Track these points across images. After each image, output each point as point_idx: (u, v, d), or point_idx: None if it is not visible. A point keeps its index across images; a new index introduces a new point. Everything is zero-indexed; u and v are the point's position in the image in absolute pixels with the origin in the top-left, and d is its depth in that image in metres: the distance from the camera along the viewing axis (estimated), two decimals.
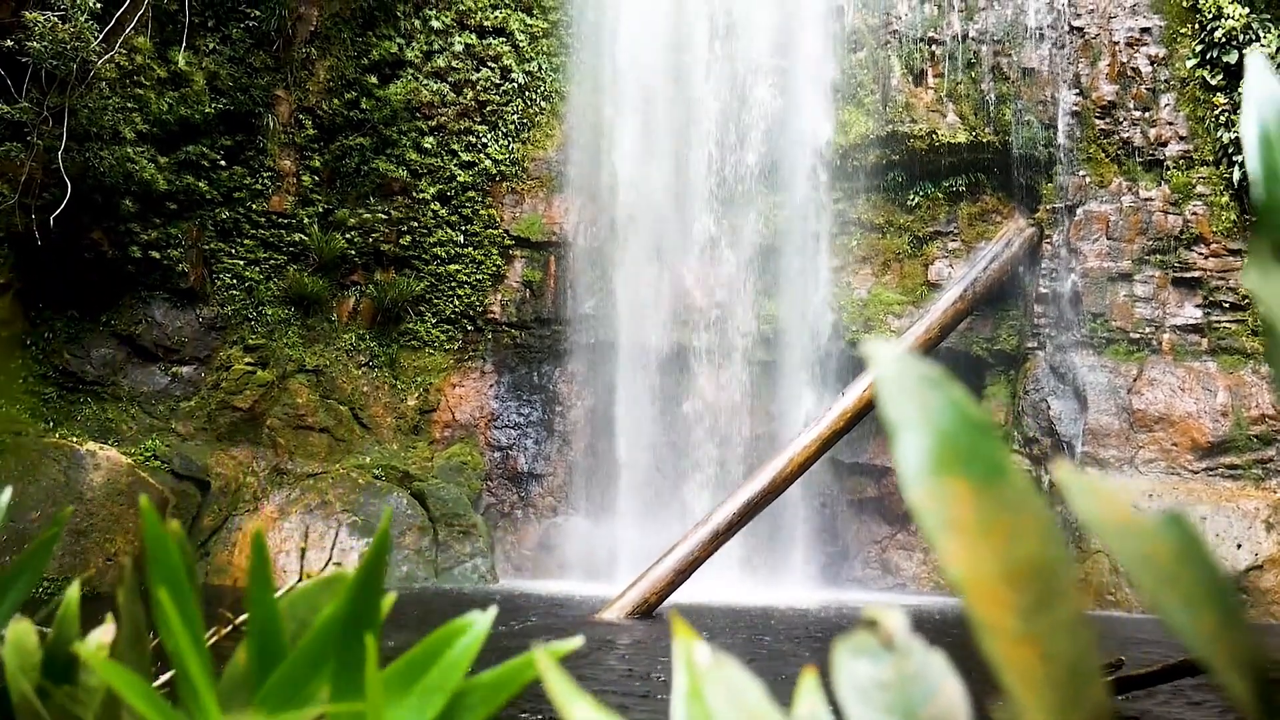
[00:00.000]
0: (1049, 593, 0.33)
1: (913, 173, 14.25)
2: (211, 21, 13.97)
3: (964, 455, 0.36)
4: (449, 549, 13.22)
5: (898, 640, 0.38)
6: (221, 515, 13.11)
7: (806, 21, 14.26)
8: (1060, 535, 0.35)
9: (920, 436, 0.36)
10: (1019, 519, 0.34)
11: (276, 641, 0.66)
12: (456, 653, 0.67)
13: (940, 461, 0.36)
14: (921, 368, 0.38)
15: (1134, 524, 0.36)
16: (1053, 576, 0.33)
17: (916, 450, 0.36)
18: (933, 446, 0.36)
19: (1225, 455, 12.67)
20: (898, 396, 0.37)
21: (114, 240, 13.48)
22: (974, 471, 0.35)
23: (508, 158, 15.09)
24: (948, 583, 0.35)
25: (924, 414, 0.37)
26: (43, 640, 0.77)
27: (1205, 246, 13.20)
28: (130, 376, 13.87)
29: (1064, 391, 13.40)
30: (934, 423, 0.36)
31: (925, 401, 0.37)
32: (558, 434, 15.08)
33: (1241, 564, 11.68)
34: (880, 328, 14.03)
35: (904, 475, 0.37)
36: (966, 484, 0.35)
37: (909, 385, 0.37)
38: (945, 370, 0.39)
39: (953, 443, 0.36)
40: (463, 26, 15.16)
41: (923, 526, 0.36)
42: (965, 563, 0.34)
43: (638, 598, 10.50)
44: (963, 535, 0.34)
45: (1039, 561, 0.34)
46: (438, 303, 15.11)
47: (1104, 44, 13.66)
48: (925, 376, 0.38)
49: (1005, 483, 0.35)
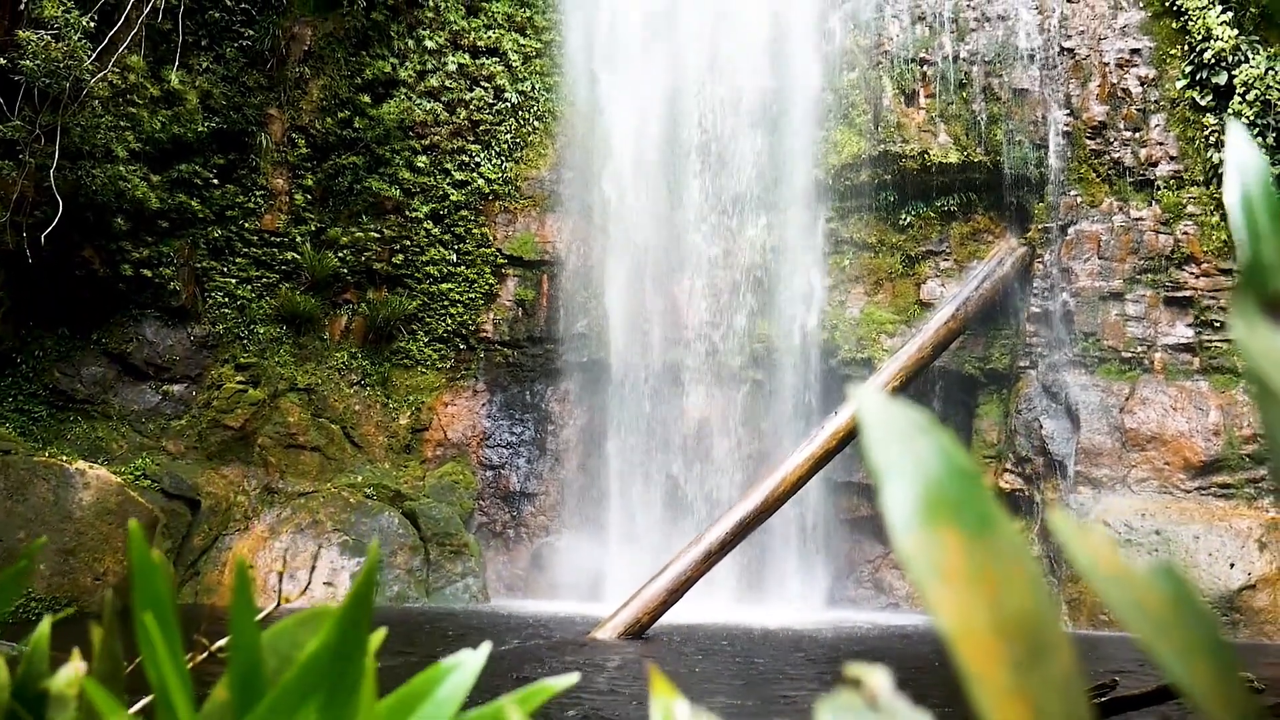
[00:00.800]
0: (1041, 646, 0.32)
1: (905, 192, 14.30)
2: (205, 40, 13.99)
3: (953, 504, 0.35)
4: (440, 568, 13.16)
5: (882, 700, 0.37)
6: (212, 535, 13.04)
7: (798, 42, 14.33)
8: (1049, 589, 0.34)
9: (908, 484, 0.35)
10: (1010, 570, 0.34)
11: (258, 674, 0.64)
12: (447, 691, 0.67)
13: (929, 510, 0.35)
14: (908, 413, 0.38)
15: (1126, 573, 0.35)
16: (1044, 629, 0.33)
17: (904, 498, 0.35)
18: (921, 495, 0.35)
19: (1218, 474, 12.68)
20: (884, 442, 0.36)
21: (105, 258, 13.45)
22: (964, 521, 0.35)
23: (500, 177, 15.12)
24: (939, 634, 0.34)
25: (912, 461, 0.36)
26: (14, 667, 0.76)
27: (1196, 266, 13.25)
28: (121, 395, 13.82)
29: (1056, 410, 13.41)
30: (922, 470, 0.36)
31: (913, 448, 0.36)
32: (550, 453, 15.05)
33: (1234, 584, 11.67)
34: (873, 347, 14.05)
35: (892, 524, 0.36)
36: (956, 534, 0.34)
37: (896, 431, 0.37)
38: (931, 414, 0.38)
39: (942, 491, 0.35)
40: (456, 46, 15.21)
41: (911, 576, 0.35)
42: (956, 614, 0.33)
43: (630, 618, 10.45)
44: (953, 586, 0.33)
45: (1030, 614, 0.33)
46: (430, 321, 15.10)
47: (1094, 65, 13.74)
48: (912, 422, 0.37)
49: (996, 533, 0.35)
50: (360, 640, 0.61)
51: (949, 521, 0.35)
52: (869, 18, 14.37)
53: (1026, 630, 0.33)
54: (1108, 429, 13.00)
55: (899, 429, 0.37)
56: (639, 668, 8.19)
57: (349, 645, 0.61)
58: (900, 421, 0.37)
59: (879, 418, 0.37)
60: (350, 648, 0.61)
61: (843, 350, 14.18)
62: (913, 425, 0.37)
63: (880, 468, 0.36)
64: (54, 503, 10.78)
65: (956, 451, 0.37)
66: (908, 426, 0.37)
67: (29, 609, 10.25)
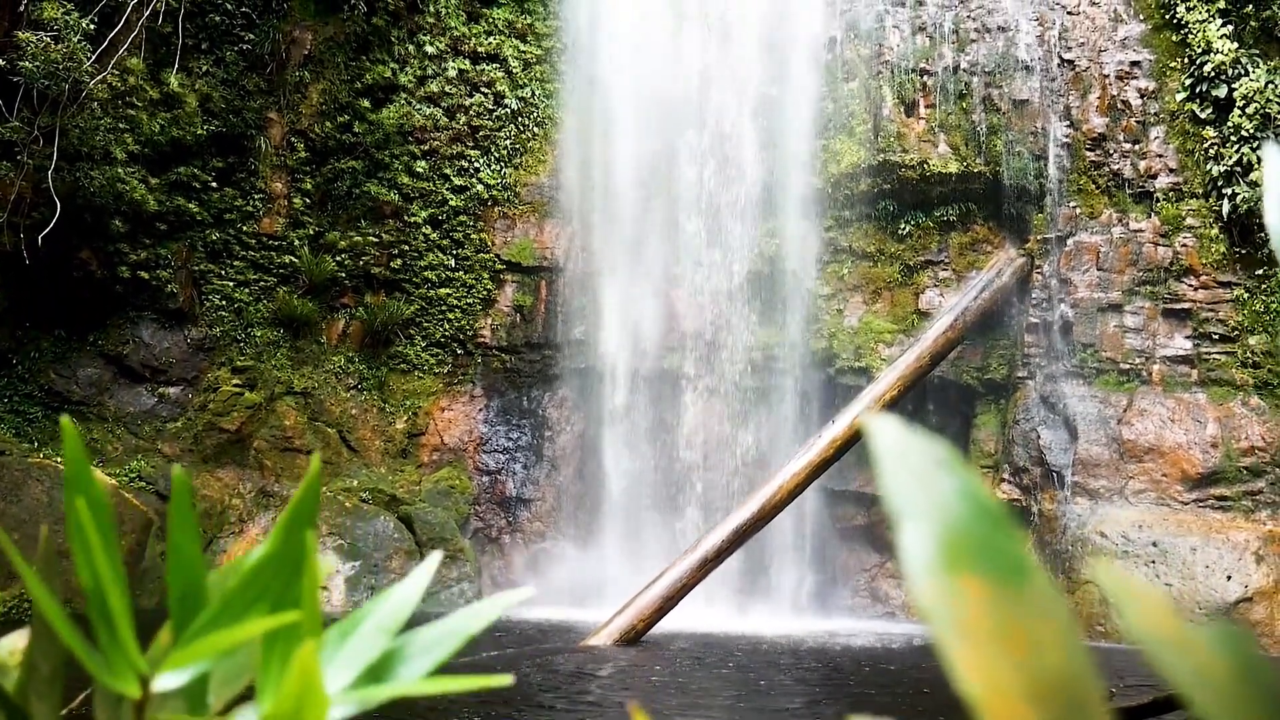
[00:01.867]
0: (1076, 712, 0.29)
1: (904, 202, 14.29)
2: (205, 44, 13.97)
3: (978, 550, 0.32)
4: (436, 573, 13.09)
5: None
6: (207, 538, 12.99)
7: (799, 51, 14.33)
8: (1085, 645, 0.32)
9: (928, 527, 0.33)
10: (1041, 625, 0.31)
11: (199, 588, 0.62)
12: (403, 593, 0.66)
13: (951, 556, 0.32)
14: (928, 447, 0.35)
15: (1187, 639, 0.32)
16: (1080, 692, 0.30)
17: (924, 543, 0.32)
18: (942, 539, 0.32)
19: (1215, 486, 12.66)
20: (902, 480, 0.33)
21: (103, 260, 13.42)
22: (990, 569, 0.32)
23: (499, 182, 15.10)
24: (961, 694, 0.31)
25: (932, 501, 0.33)
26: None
27: (1195, 278, 13.24)
28: (117, 397, 13.77)
29: (1054, 421, 13.39)
30: (943, 512, 0.33)
31: (933, 487, 0.33)
32: (546, 459, 15.01)
33: (1231, 596, 11.64)
34: (871, 356, 14.02)
35: (909, 570, 0.33)
36: (981, 583, 0.32)
37: (913, 466, 0.34)
38: (929, 425, 0.36)
39: (965, 535, 0.32)
40: (456, 52, 15.20)
41: (931, 628, 0.32)
42: (981, 675, 0.30)
43: (625, 624, 10.42)
44: (978, 642, 0.30)
45: (1064, 675, 0.30)
46: (428, 326, 15.06)
47: (1094, 77, 13.75)
48: (931, 456, 0.34)
49: (1025, 582, 0.32)
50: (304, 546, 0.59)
51: (973, 569, 0.32)
52: (869, 28, 14.36)
53: (1060, 693, 0.30)
54: (1105, 440, 12.98)
55: (916, 464, 0.34)
56: (630, 676, 8.15)
57: (294, 551, 0.58)
58: (918, 455, 0.34)
59: (894, 451, 0.34)
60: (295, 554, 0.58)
61: (841, 359, 14.15)
62: (932, 460, 0.34)
63: (896, 507, 0.34)
64: (48, 504, 10.73)
65: (981, 490, 0.34)
66: (926, 461, 0.34)
67: (21, 610, 10.20)
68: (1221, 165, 12.97)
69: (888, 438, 0.35)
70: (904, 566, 0.34)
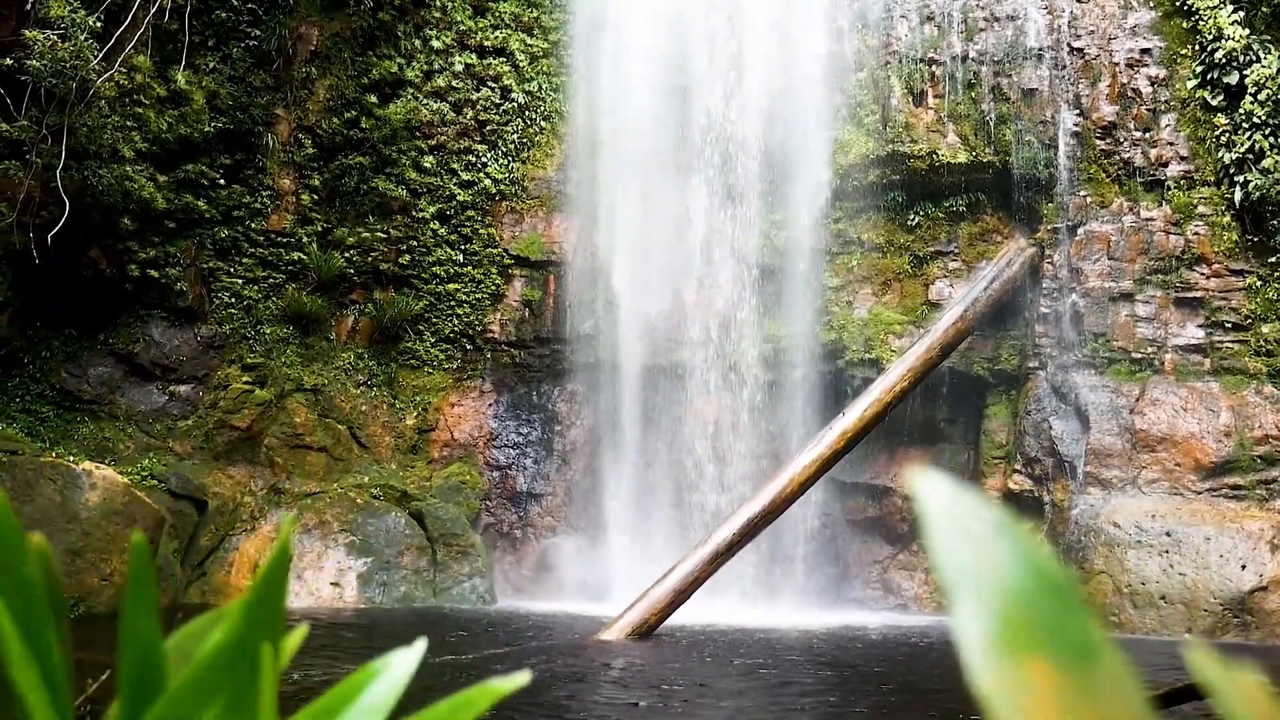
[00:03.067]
0: None
1: (913, 192, 14.22)
2: (212, 41, 13.96)
3: (1043, 628, 0.29)
4: (447, 569, 13.12)
5: None
6: (219, 535, 13.02)
7: (807, 41, 14.26)
8: None
9: (985, 602, 0.30)
10: (1114, 710, 0.28)
11: (155, 674, 0.55)
12: (373, 697, 0.58)
13: (1013, 636, 0.30)
14: (984, 512, 0.32)
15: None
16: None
17: (982, 620, 0.30)
18: (1001, 616, 0.30)
19: (1229, 476, 12.59)
20: (955, 548, 0.31)
21: (112, 259, 13.43)
22: (1057, 649, 0.29)
23: (507, 177, 15.07)
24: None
25: (989, 572, 0.30)
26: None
27: (1207, 267, 13.15)
28: (128, 395, 13.80)
29: (1066, 411, 13.34)
30: (1002, 584, 0.30)
31: (989, 555, 0.31)
32: (557, 454, 15.00)
33: (1246, 585, 11.58)
34: (881, 347, 13.97)
35: (965, 650, 0.30)
36: (1047, 665, 0.29)
37: (967, 532, 0.31)
38: (1011, 512, 0.33)
39: (1028, 611, 0.30)
40: (463, 46, 15.16)
41: (991, 718, 0.30)
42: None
43: (637, 619, 10.41)
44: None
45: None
46: (437, 322, 15.05)
47: (1104, 65, 13.65)
48: (989, 523, 0.32)
49: (1095, 663, 0.29)
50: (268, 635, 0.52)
51: (1037, 650, 0.29)
52: (877, 18, 14.29)
53: None
54: (1118, 430, 12.92)
55: (971, 529, 0.31)
56: (643, 671, 8.14)
57: (255, 641, 0.51)
58: (972, 520, 0.32)
59: (946, 515, 0.32)
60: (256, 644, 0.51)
61: (851, 351, 14.11)
62: (989, 526, 0.32)
63: (949, 580, 0.31)
64: (60, 503, 10.76)
65: (1045, 560, 0.32)
66: (982, 526, 0.31)
67: None
68: (1233, 152, 12.87)
69: (938, 500, 0.32)
70: (959, 643, 0.31)
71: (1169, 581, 11.81)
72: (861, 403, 12.37)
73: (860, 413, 12.23)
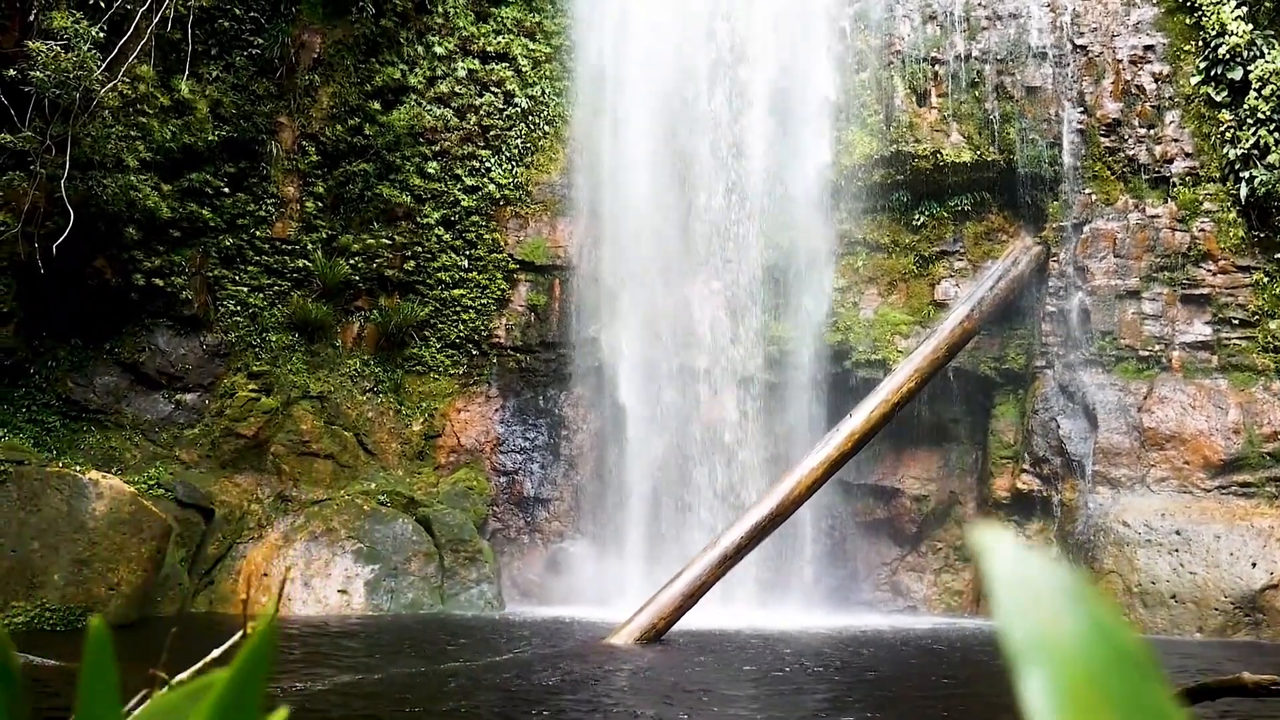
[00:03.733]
0: None
1: (918, 192, 14.19)
2: (215, 49, 13.97)
3: (1116, 700, 0.27)
4: (455, 575, 13.10)
5: None
6: (226, 543, 13.01)
7: (809, 42, 14.24)
8: None
9: (1054, 671, 0.28)
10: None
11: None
12: None
13: (1084, 708, 0.27)
14: (1054, 574, 0.30)
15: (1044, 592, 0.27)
16: None
17: (1050, 691, 0.28)
18: (1072, 687, 0.28)
19: (1238, 473, 12.55)
20: (1021, 612, 0.29)
21: (117, 268, 13.44)
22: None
23: (511, 182, 15.06)
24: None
25: (1058, 639, 0.29)
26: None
27: (1213, 263, 13.11)
28: (134, 404, 13.80)
29: (1073, 410, 13.29)
30: (1073, 652, 0.28)
31: (1059, 621, 0.29)
32: (564, 458, 14.98)
33: (1257, 584, 11.54)
34: (887, 348, 13.94)
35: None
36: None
37: (1035, 596, 0.29)
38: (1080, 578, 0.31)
39: (1100, 681, 0.28)
40: (465, 52, 15.16)
41: None
42: None
43: (646, 623, 10.38)
44: None
45: None
46: (442, 327, 15.05)
47: (1108, 62, 13.62)
48: (1059, 587, 0.30)
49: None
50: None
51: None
52: (880, 18, 14.26)
53: None
54: (1126, 428, 12.88)
55: (1038, 593, 0.29)
56: (651, 676, 8.11)
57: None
58: (1040, 582, 0.30)
59: (1013, 578, 0.30)
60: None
61: (857, 352, 14.08)
62: (1059, 590, 0.30)
63: (1016, 646, 0.29)
64: (67, 513, 10.75)
65: (1118, 628, 0.30)
66: (1053, 592, 0.29)
67: (43, 619, 10.24)
68: (1238, 148, 12.83)
69: (1005, 562, 0.30)
70: (1027, 716, 0.29)
71: (1179, 580, 11.76)
72: (869, 404, 12.33)
73: (867, 414, 12.20)
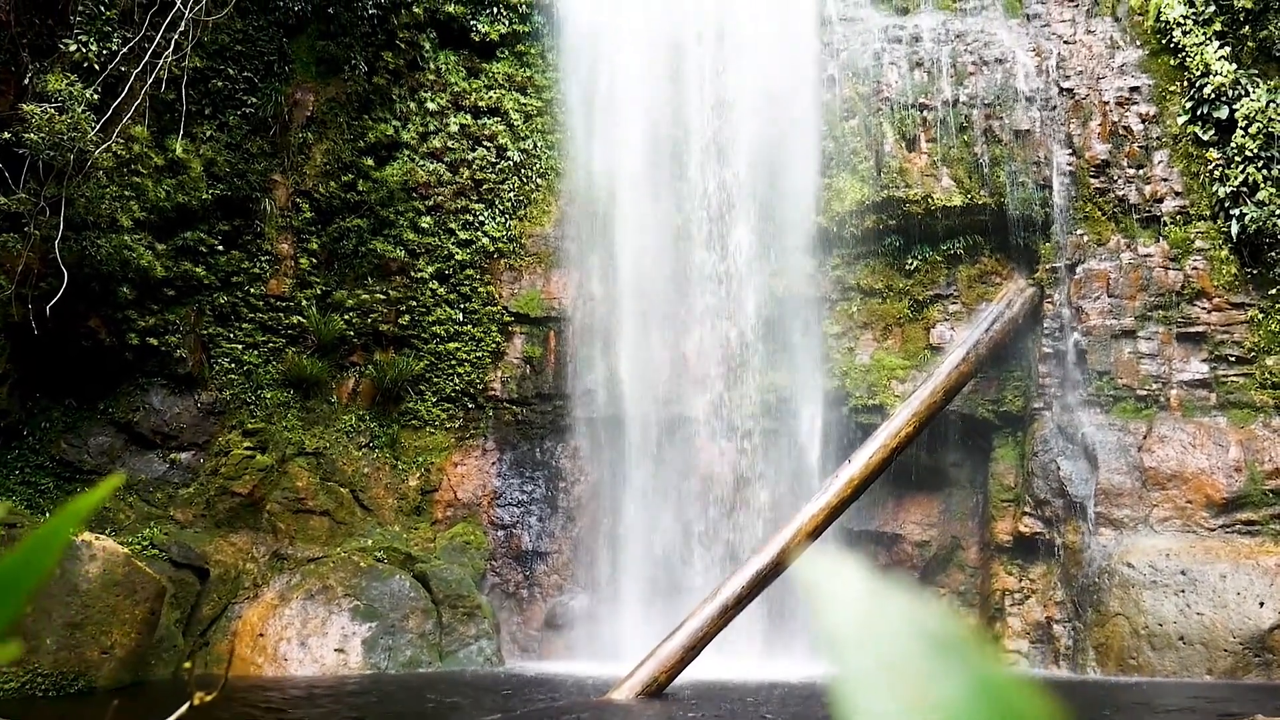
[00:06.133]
0: None
1: (910, 237, 14.24)
2: (209, 109, 14.08)
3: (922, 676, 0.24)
4: (453, 631, 12.94)
5: None
6: (221, 603, 12.86)
7: (799, 91, 14.36)
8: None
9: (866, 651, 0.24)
10: None
11: None
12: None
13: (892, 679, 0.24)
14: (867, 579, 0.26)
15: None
16: None
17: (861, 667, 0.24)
18: (881, 660, 0.24)
19: (1241, 511, 12.44)
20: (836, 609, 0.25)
21: (111, 328, 13.43)
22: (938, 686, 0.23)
23: (505, 235, 15.11)
24: None
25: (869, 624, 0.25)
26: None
27: (1208, 301, 13.11)
28: (128, 464, 13.71)
29: (1073, 452, 13.21)
30: (881, 633, 0.24)
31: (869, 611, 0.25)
32: (562, 511, 14.87)
33: (1265, 623, 11.38)
34: (884, 393, 13.90)
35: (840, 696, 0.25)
36: None
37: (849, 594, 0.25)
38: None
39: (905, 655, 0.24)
40: (458, 107, 15.28)
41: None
42: None
43: (647, 677, 10.23)
44: None
45: None
46: (438, 381, 15.01)
47: (1094, 104, 13.73)
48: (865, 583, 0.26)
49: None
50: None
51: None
52: (867, 65, 14.40)
53: None
54: (1126, 469, 12.79)
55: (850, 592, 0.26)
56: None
57: None
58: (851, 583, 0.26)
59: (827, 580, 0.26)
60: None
61: (854, 397, 14.03)
62: (865, 586, 0.26)
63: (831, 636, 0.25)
64: (60, 576, 10.62)
65: (917, 608, 0.26)
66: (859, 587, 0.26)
67: (35, 685, 10.07)
68: (1227, 186, 12.89)
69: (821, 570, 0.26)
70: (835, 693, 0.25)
71: (1186, 622, 11.61)
72: (867, 449, 12.27)
73: (866, 460, 12.12)
